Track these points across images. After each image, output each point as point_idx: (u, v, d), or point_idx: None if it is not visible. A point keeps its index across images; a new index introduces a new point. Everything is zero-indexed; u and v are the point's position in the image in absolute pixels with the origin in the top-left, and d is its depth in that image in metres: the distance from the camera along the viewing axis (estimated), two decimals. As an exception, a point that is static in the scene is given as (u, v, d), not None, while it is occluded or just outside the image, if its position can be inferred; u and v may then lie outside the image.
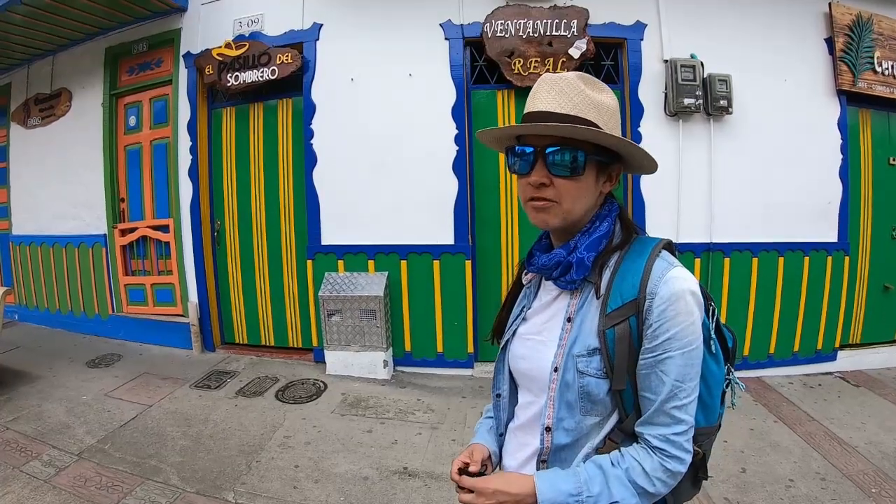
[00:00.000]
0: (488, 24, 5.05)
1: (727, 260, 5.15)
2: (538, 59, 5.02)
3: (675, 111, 4.99)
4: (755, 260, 5.17)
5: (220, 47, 5.70)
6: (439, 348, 5.39)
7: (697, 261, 5.10)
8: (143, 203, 6.52)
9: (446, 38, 5.19)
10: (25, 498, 3.44)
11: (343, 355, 5.33)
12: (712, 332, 1.20)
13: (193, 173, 5.97)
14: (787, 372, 5.31)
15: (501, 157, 4.97)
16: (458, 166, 5.13)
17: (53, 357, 6.18)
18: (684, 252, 5.04)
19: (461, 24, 5.16)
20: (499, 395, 1.40)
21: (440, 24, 5.18)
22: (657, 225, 5.08)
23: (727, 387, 1.29)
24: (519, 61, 5.04)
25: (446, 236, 5.19)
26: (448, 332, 5.35)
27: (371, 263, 5.41)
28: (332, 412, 4.62)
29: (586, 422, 1.17)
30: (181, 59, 6.05)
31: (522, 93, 5.09)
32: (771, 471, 3.66)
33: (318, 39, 5.47)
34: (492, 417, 1.46)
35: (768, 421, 4.40)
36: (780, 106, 5.16)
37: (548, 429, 1.21)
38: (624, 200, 5.16)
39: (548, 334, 1.24)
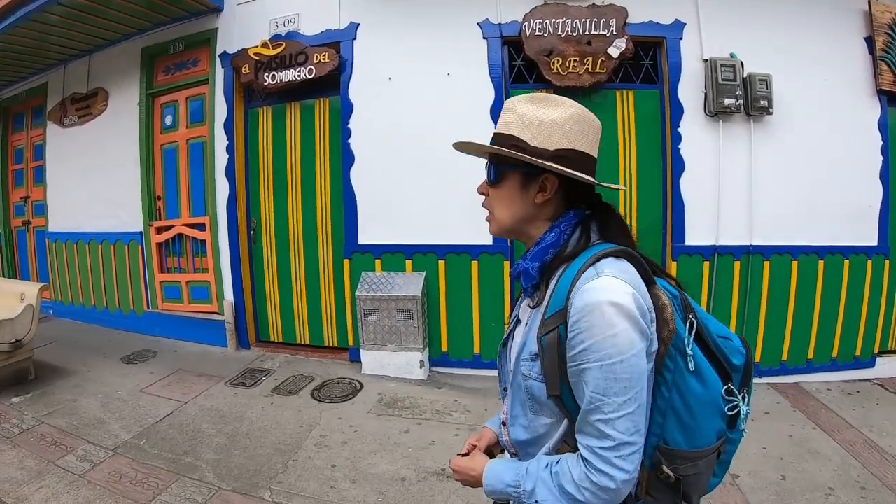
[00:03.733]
0: (527, 23, 4.75)
1: (767, 263, 4.81)
2: (577, 59, 4.71)
3: (716, 111, 4.67)
4: (795, 263, 4.83)
5: (257, 47, 5.43)
6: (476, 349, 5.09)
7: (737, 264, 4.77)
8: (179, 201, 6.27)
9: (484, 38, 4.88)
10: (60, 492, 3.27)
11: (379, 355, 5.04)
12: (688, 347, 1.09)
13: (230, 172, 5.70)
14: (825, 378, 4.96)
15: None
16: None
17: (88, 352, 5.97)
18: (724, 255, 4.74)
19: (499, 23, 4.85)
20: (505, 389, 1.37)
21: (478, 24, 4.88)
22: (697, 227, 4.77)
23: (731, 410, 1.13)
24: (558, 61, 4.73)
25: (485, 237, 4.85)
26: (485, 333, 5.04)
27: (408, 263, 5.12)
28: (368, 412, 4.35)
29: (539, 421, 1.18)
30: (217, 59, 5.78)
31: (561, 93, 4.69)
32: (811, 479, 3.39)
33: (354, 39, 5.18)
34: None
35: (807, 428, 4.09)
36: (819, 106, 4.82)
37: (503, 423, 1.31)
38: (663, 201, 4.86)
39: (519, 337, 1.25)
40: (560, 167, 1.13)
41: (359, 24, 5.15)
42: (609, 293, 1.02)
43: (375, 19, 5.12)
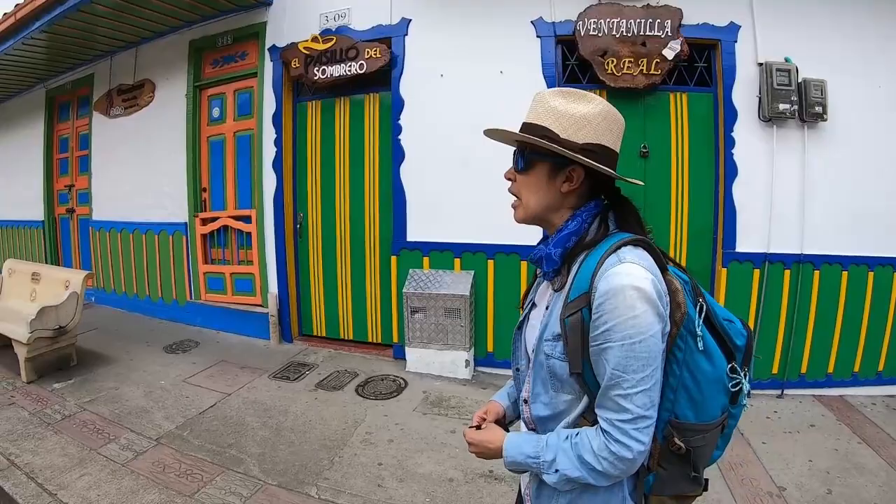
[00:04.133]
0: (581, 23, 4.65)
1: (817, 273, 4.65)
2: (632, 60, 4.61)
3: (770, 116, 4.53)
4: (845, 274, 4.67)
5: (307, 41, 5.40)
6: (490, 347, 5.07)
7: (787, 272, 4.62)
8: (225, 193, 6.27)
9: (538, 36, 4.79)
10: (102, 481, 3.26)
11: (424, 353, 4.98)
12: (698, 329, 1.18)
13: (277, 165, 5.67)
14: (870, 392, 4.78)
15: None
16: None
17: (130, 340, 5.99)
18: (774, 262, 4.60)
19: (553, 22, 4.76)
20: (518, 369, 1.45)
21: (531, 22, 4.79)
22: (748, 233, 4.63)
23: (734, 387, 1.22)
24: (612, 61, 4.63)
25: (535, 237, 4.74)
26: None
27: (457, 262, 5.05)
28: (413, 410, 4.29)
29: (560, 398, 1.25)
30: (266, 53, 5.76)
31: (615, 94, 4.66)
32: (857, 494, 3.27)
33: (406, 35, 5.12)
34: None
35: (852, 442, 3.94)
36: (873, 114, 4.63)
37: (525, 401, 1.34)
38: (715, 207, 4.74)
39: (537, 320, 1.32)
40: (588, 160, 1.20)
41: (410, 20, 5.09)
42: (631, 278, 1.09)
43: (427, 15, 5.06)
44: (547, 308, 1.29)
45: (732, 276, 4.65)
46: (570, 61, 4.87)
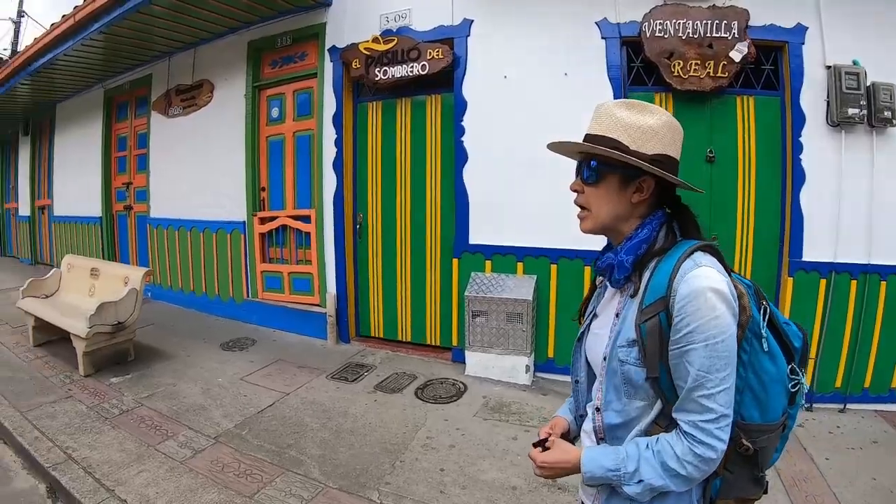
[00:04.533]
0: (646, 24, 4.50)
1: (884, 284, 4.40)
2: (698, 62, 4.44)
3: (838, 121, 4.31)
4: (912, 285, 4.44)
5: (368, 41, 5.36)
6: (550, 353, 4.94)
7: (854, 283, 4.38)
8: (284, 193, 6.28)
9: (603, 38, 4.64)
10: (160, 478, 3.23)
11: (484, 357, 4.88)
12: (763, 330, 1.20)
13: (338, 166, 5.65)
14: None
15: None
16: None
17: (187, 337, 6.04)
18: (841, 272, 4.36)
19: (618, 23, 4.60)
20: (577, 381, 1.49)
21: (596, 23, 4.64)
22: (815, 242, 4.40)
23: (794, 387, 1.25)
24: (679, 63, 4.46)
25: (600, 242, 4.60)
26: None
27: (520, 266, 4.94)
28: (474, 415, 4.18)
29: (633, 405, 1.24)
30: (326, 53, 5.74)
31: (682, 96, 4.52)
32: None
33: (468, 35, 5.03)
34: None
35: None
36: None
37: (598, 409, 1.32)
38: (782, 214, 4.53)
39: (605, 328, 1.33)
40: (660, 170, 1.22)
41: (472, 21, 5.00)
42: (710, 281, 1.13)
43: (489, 16, 4.97)
44: (617, 315, 1.29)
45: (798, 286, 4.43)
46: (636, 63, 4.72)
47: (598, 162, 1.28)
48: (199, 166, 6.97)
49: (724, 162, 4.58)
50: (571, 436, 1.53)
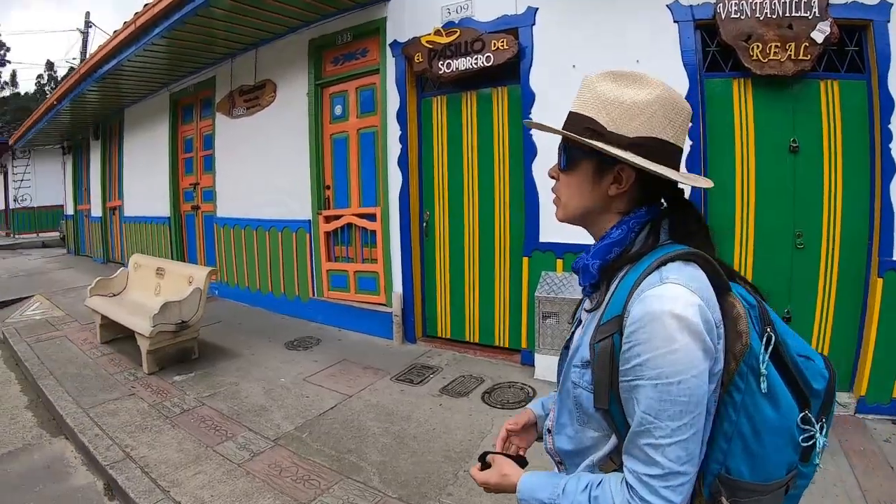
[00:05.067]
0: (721, 5, 4.16)
1: None
2: (778, 44, 4.08)
3: None
4: None
5: (430, 35, 5.23)
6: None
7: None
8: (349, 191, 6.24)
9: (675, 21, 4.33)
10: (217, 480, 3.18)
11: (554, 361, 4.60)
12: (762, 366, 0.94)
13: (403, 163, 5.55)
14: None
15: (738, 157, 4.02)
16: (691, 164, 4.26)
17: (251, 335, 6.08)
18: None
19: (690, 6, 4.29)
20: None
21: (667, 6, 4.33)
22: None
23: (808, 441, 0.97)
24: (757, 46, 4.12)
25: None
26: None
27: (594, 265, 4.69)
28: (543, 423, 3.98)
29: (586, 434, 1.08)
30: (388, 48, 5.64)
31: (761, 82, 4.16)
32: None
33: (533, 24, 4.81)
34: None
35: None
36: None
37: (548, 430, 1.22)
38: (870, 208, 4.11)
39: (575, 339, 1.16)
40: (638, 159, 0.99)
41: (537, 9, 4.79)
42: (672, 303, 0.89)
43: (554, 3, 4.74)
44: (583, 329, 1.12)
45: (889, 288, 3.98)
46: (711, 47, 4.40)
47: (567, 145, 1.09)
48: (264, 166, 7.03)
49: (808, 152, 4.18)
50: (537, 431, 1.41)
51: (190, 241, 8.94)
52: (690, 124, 1.11)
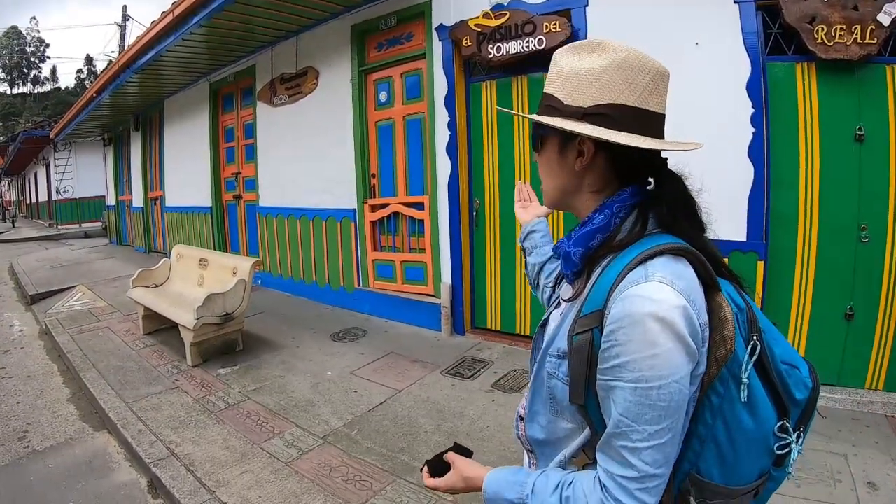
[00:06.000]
0: None
1: None
2: (843, 27, 3.79)
3: None
4: None
5: (478, 17, 5.06)
6: None
7: None
8: (395, 179, 6.15)
9: (735, 2, 4.08)
10: (264, 480, 3.09)
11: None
12: (745, 375, 0.89)
13: (452, 150, 5.42)
14: None
15: (802, 145, 3.78)
16: (754, 151, 4.04)
17: (296, 326, 6.05)
18: None
19: None
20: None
21: None
22: None
23: (783, 449, 0.94)
24: (822, 28, 3.85)
25: (737, 231, 4.15)
26: None
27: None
28: (598, 420, 3.83)
29: (560, 424, 1.04)
30: (434, 32, 5.50)
31: (826, 66, 3.87)
32: None
33: (587, 5, 4.60)
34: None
35: None
36: None
37: (521, 417, 1.16)
38: None
39: (556, 322, 1.08)
40: (592, 129, 0.93)
41: (591, -11, 4.59)
42: (655, 305, 0.84)
43: (608, -18, 4.53)
44: (561, 315, 1.06)
45: None
46: (773, 30, 4.15)
47: (534, 125, 1.08)
48: (307, 154, 7.00)
49: (874, 141, 3.89)
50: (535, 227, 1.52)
51: (232, 231, 9.00)
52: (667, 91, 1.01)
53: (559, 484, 0.95)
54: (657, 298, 0.84)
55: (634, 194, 1.00)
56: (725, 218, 4.08)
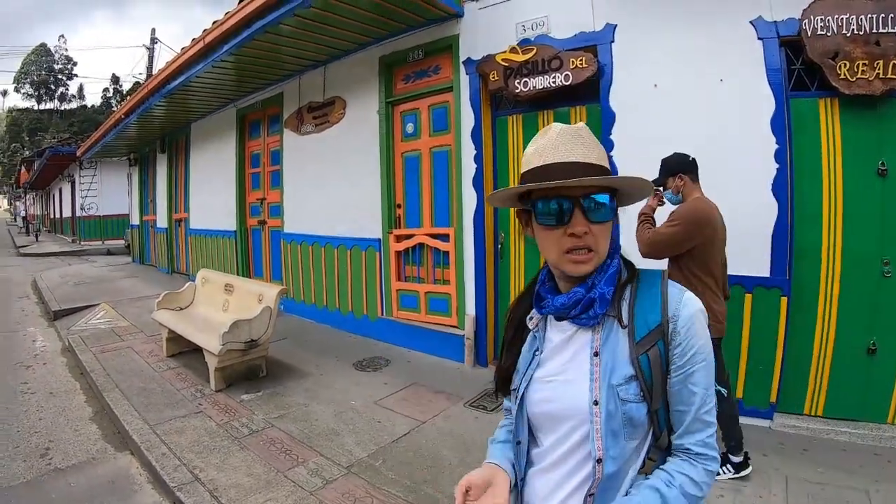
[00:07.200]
0: (806, 21, 3.96)
1: None
2: (866, 62, 3.84)
3: None
4: None
5: (505, 52, 5.20)
6: (738, 393, 4.32)
7: None
8: (420, 210, 6.27)
9: (759, 38, 4.14)
10: None
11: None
12: None
13: (478, 183, 5.53)
14: None
15: (826, 178, 3.81)
16: (778, 187, 4.09)
17: (319, 353, 6.11)
18: None
19: (774, 21, 4.09)
20: (519, 443, 1.34)
21: (750, 22, 4.14)
22: None
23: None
24: (845, 64, 3.90)
25: (761, 267, 4.18)
26: (751, 376, 4.29)
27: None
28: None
29: (629, 447, 1.16)
30: (461, 66, 5.65)
31: (848, 101, 3.94)
32: None
33: (612, 41, 4.72)
34: (504, 442, 1.44)
35: None
36: None
37: (599, 461, 1.17)
38: None
39: (573, 372, 1.21)
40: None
41: (616, 25, 4.70)
42: (699, 303, 1.17)
43: (633, 19, 4.64)
44: (596, 354, 1.18)
45: None
46: (796, 66, 4.20)
47: (609, 195, 1.19)
48: (333, 182, 7.15)
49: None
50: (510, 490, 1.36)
51: (256, 256, 9.18)
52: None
53: (665, 483, 1.13)
54: (695, 298, 1.18)
55: (618, 244, 1.26)
56: (749, 254, 4.16)
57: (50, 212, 36.24)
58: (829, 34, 3.98)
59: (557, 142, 1.18)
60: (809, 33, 4.01)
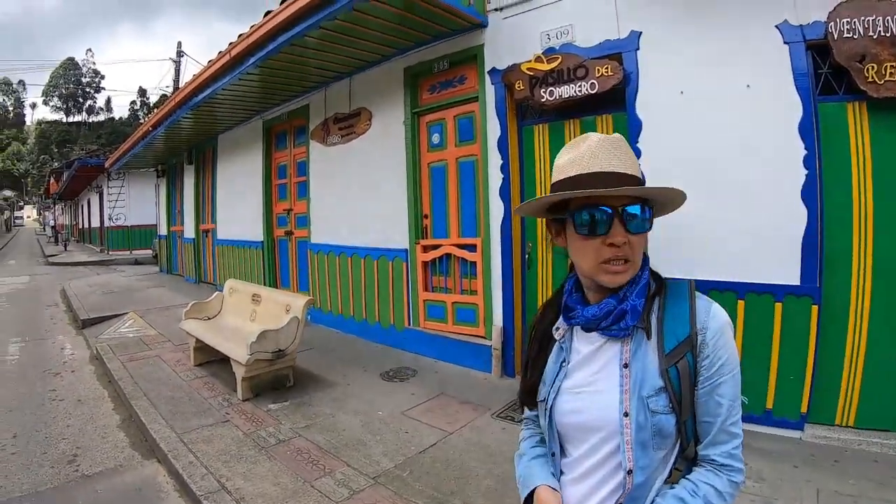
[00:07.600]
0: (832, 24, 3.89)
1: None
2: (894, 64, 3.81)
3: None
4: None
5: (530, 61, 5.21)
6: (768, 404, 4.27)
7: None
8: (447, 221, 6.30)
9: (785, 43, 4.08)
10: None
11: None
12: None
13: (505, 193, 5.55)
14: None
15: (855, 183, 3.74)
16: (807, 193, 4.02)
17: (346, 364, 6.14)
18: None
19: (800, 25, 4.04)
20: (554, 454, 1.35)
21: (776, 26, 4.09)
22: None
23: None
24: (872, 67, 3.83)
25: (791, 275, 4.10)
26: (781, 385, 4.23)
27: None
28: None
29: (657, 457, 1.19)
30: (486, 76, 5.69)
31: (877, 105, 3.87)
32: None
33: (637, 49, 4.71)
34: (541, 457, 1.42)
35: None
36: None
37: (629, 472, 1.20)
38: None
39: (603, 383, 1.24)
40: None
41: (640, 33, 4.69)
42: (726, 315, 1.20)
43: (657, 27, 4.63)
44: (626, 366, 1.21)
45: None
46: (823, 69, 4.15)
47: (648, 206, 1.24)
48: (360, 193, 7.23)
49: None
50: None
51: (283, 266, 9.31)
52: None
53: (690, 493, 1.16)
54: (724, 312, 1.21)
55: (647, 256, 1.28)
56: (779, 261, 4.13)
57: (79, 222, 37.09)
58: (855, 37, 3.92)
59: (597, 151, 1.20)
60: (836, 36, 3.96)
